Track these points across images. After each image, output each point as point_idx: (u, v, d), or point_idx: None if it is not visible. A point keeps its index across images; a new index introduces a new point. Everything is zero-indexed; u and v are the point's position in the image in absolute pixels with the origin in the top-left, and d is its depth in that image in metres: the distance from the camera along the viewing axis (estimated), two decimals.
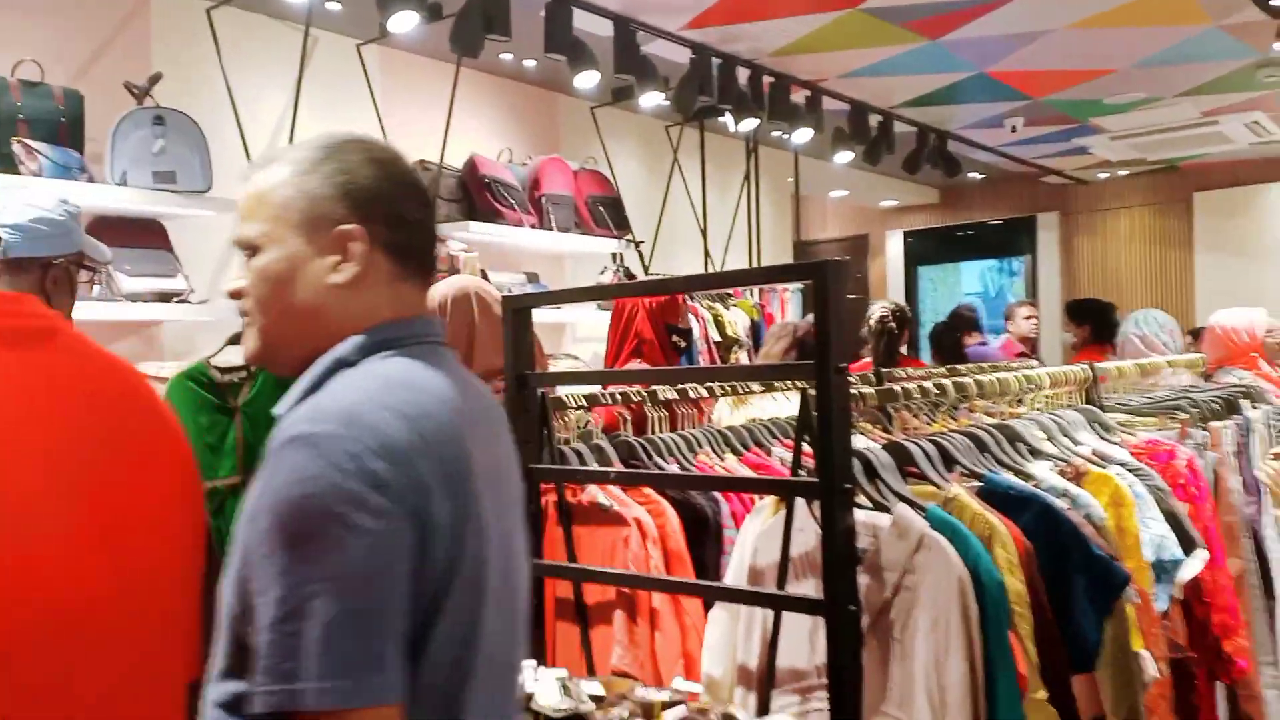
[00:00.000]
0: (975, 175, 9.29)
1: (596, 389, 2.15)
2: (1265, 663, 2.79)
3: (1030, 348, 5.60)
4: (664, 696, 1.52)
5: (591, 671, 1.77)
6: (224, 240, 3.85)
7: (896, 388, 1.93)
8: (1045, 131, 7.23)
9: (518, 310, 1.72)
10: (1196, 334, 6.96)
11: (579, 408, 2.00)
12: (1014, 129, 6.86)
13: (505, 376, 1.75)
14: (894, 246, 10.86)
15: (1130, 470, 2.06)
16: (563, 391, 2.04)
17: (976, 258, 10.59)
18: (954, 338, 5.33)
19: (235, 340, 2.96)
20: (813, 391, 1.46)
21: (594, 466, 1.86)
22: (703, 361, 4.50)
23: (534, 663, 1.65)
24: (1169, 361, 3.37)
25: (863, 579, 1.45)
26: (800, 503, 1.58)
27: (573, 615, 1.81)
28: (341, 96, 4.28)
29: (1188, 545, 2.06)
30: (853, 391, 1.87)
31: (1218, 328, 3.80)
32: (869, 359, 4.26)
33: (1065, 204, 9.89)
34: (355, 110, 4.31)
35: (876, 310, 4.31)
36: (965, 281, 10.74)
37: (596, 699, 1.56)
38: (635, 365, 3.05)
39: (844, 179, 8.50)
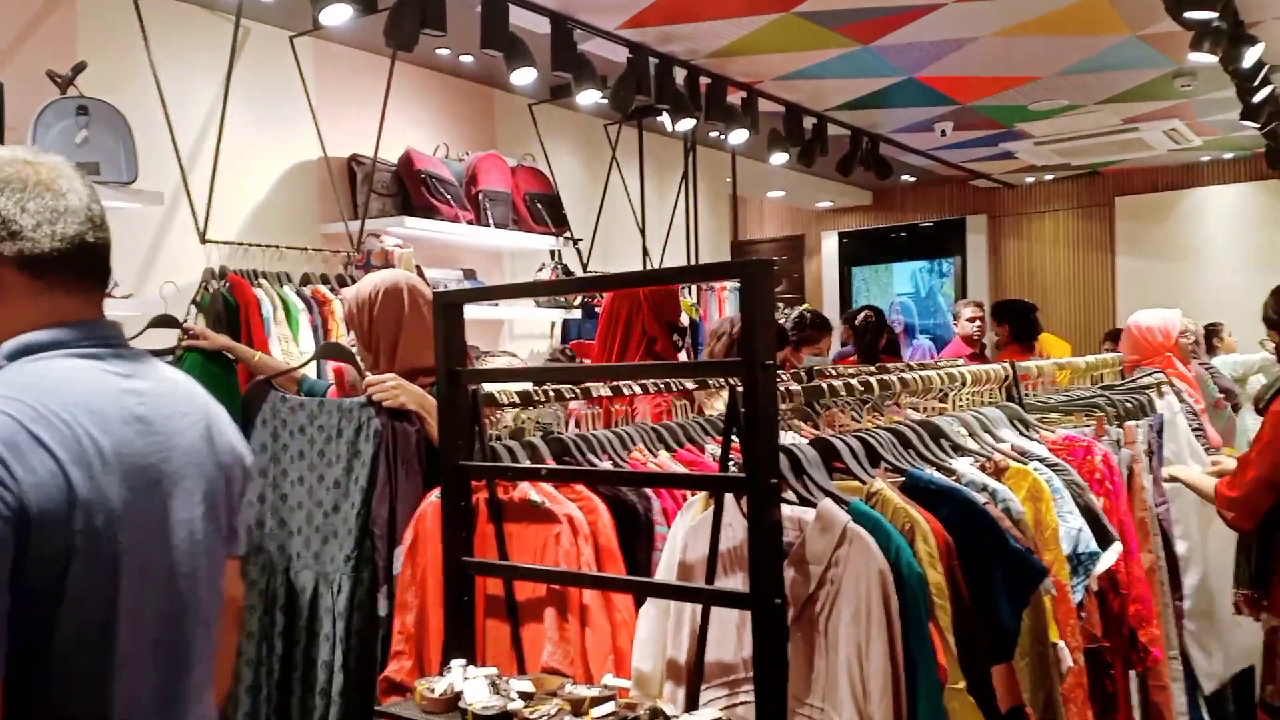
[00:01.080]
0: (907, 178, 9.48)
1: (529, 386, 2.15)
2: (1171, 655, 2.91)
3: (978, 349, 5.73)
4: (594, 693, 1.52)
5: (522, 669, 1.77)
6: (150, 232, 3.76)
7: (823, 384, 1.96)
8: (973, 136, 7.41)
9: (448, 305, 1.72)
10: (1114, 336, 7.20)
11: (511, 405, 2.00)
12: (944, 133, 7.01)
13: (436, 372, 1.74)
14: (829, 247, 11.02)
15: (1048, 465, 2.13)
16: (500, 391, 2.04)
17: (908, 259, 10.80)
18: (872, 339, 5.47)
19: (160, 322, 2.90)
20: (741, 388, 1.48)
21: (525, 464, 1.86)
22: None
23: (463, 661, 1.65)
24: (1087, 363, 3.48)
25: (788, 572, 1.48)
26: (729, 498, 1.60)
27: (503, 613, 1.81)
28: (273, 89, 4.21)
29: (1103, 539, 2.13)
30: (781, 388, 1.91)
31: (1134, 328, 3.94)
32: (852, 356, 4.53)
33: (993, 207, 10.14)
34: (287, 104, 4.24)
35: (860, 313, 4.69)
36: (897, 282, 10.94)
37: (526, 696, 1.57)
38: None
39: (780, 180, 8.61)
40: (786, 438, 1.91)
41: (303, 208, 4.34)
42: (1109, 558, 2.14)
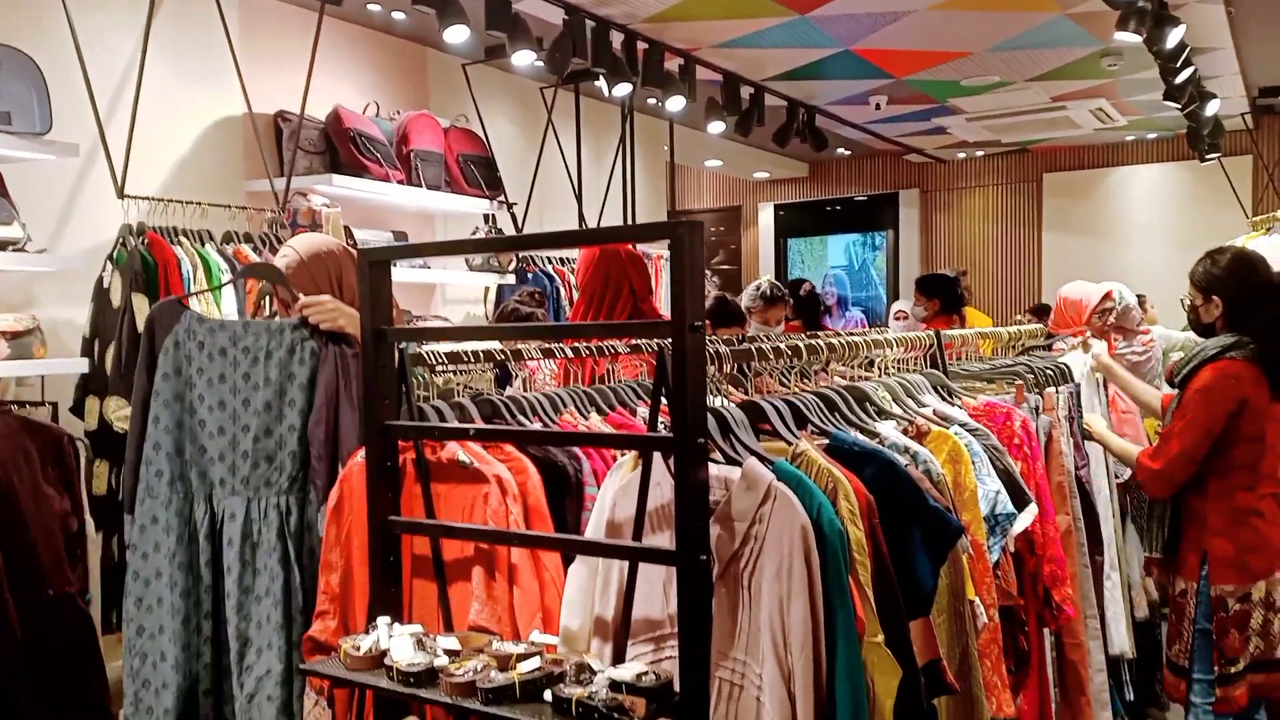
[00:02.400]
0: (842, 151, 9.57)
1: (458, 346, 2.13)
2: (1089, 615, 3.02)
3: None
4: (520, 649, 1.53)
5: (449, 628, 1.77)
6: (65, 186, 3.62)
7: (751, 347, 1.98)
8: (907, 111, 7.50)
9: (374, 263, 1.69)
10: (1036, 310, 7.40)
11: (440, 365, 1.98)
12: (878, 106, 7.08)
13: (361, 331, 1.71)
14: (765, 218, 11.09)
15: (968, 430, 2.19)
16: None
17: (842, 232, 10.92)
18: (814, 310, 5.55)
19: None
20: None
21: (453, 424, 1.85)
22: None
23: (388, 620, 1.65)
24: (1010, 333, 3.57)
25: (714, 530, 1.50)
26: (658, 458, 1.62)
27: (430, 573, 1.80)
28: (196, 41, 4.07)
29: (1020, 501, 2.20)
30: (710, 350, 1.92)
31: (1061, 300, 4.04)
32: (796, 322, 4.68)
33: (925, 181, 10.29)
34: (210, 57, 4.10)
35: (802, 284, 4.82)
36: (831, 254, 11.06)
37: (452, 653, 1.57)
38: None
39: (718, 149, 8.62)
40: (717, 403, 1.92)
41: (226, 164, 4.22)
42: (1025, 519, 2.21)
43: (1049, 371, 3.07)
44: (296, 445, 2.06)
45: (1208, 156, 7.01)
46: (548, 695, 1.43)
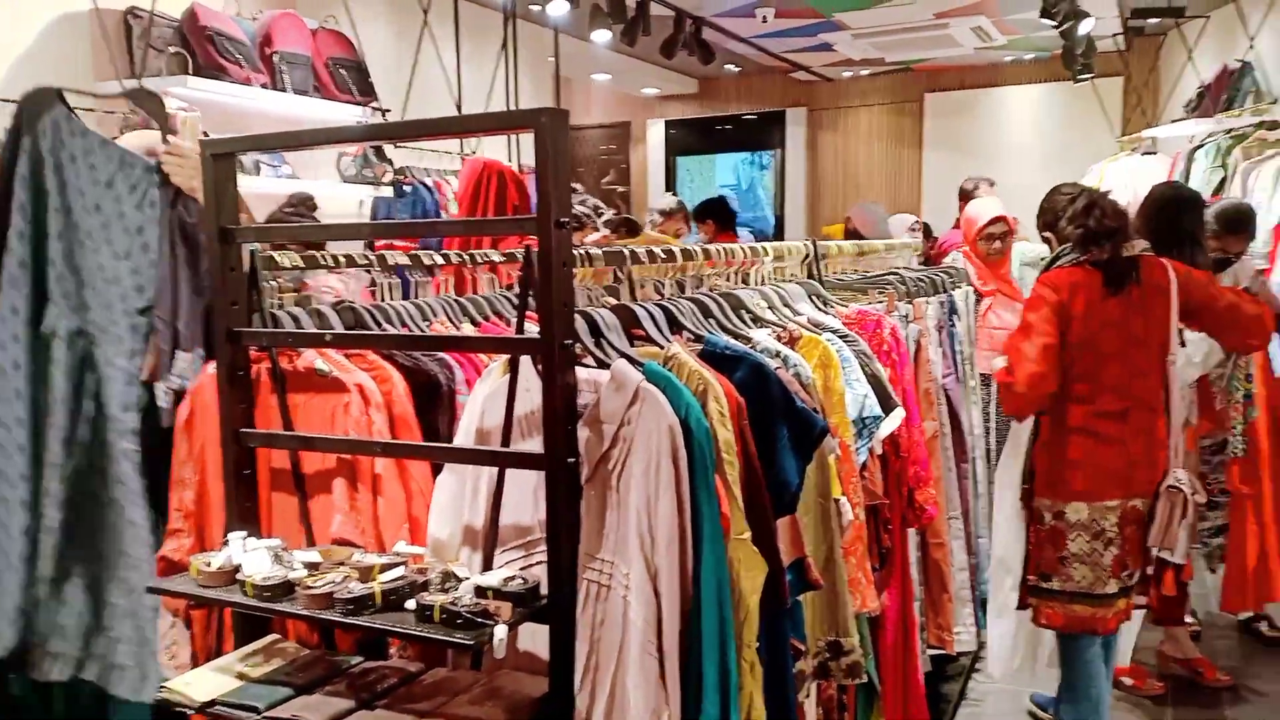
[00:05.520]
0: (731, 67, 9.49)
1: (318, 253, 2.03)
2: (952, 516, 3.14)
3: None
4: (383, 560, 1.49)
5: (311, 543, 1.71)
6: None
7: (625, 250, 1.94)
8: (793, 25, 7.46)
9: (219, 155, 1.57)
10: (925, 230, 7.56)
11: (294, 268, 1.87)
12: (765, 19, 7.02)
13: (206, 230, 1.60)
14: (655, 135, 10.98)
15: (840, 336, 2.21)
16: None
17: (731, 150, 10.90)
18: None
19: None
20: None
21: (310, 329, 1.76)
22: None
23: (243, 534, 1.58)
24: (886, 245, 3.63)
25: (583, 433, 1.47)
26: (526, 362, 1.57)
27: (290, 486, 1.73)
28: None
29: (887, 405, 2.24)
30: (580, 251, 1.87)
31: (963, 215, 4.10)
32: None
33: (812, 100, 10.33)
34: None
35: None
36: (720, 174, 11.05)
37: (312, 566, 1.52)
38: None
39: (606, 62, 8.43)
40: None
41: (72, 63, 3.89)
42: (891, 422, 2.25)
43: (921, 282, 3.13)
44: (103, 286, 1.92)
45: (1081, 77, 7.20)
46: (410, 604, 1.39)
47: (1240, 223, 3.65)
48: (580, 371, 1.49)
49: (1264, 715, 3.22)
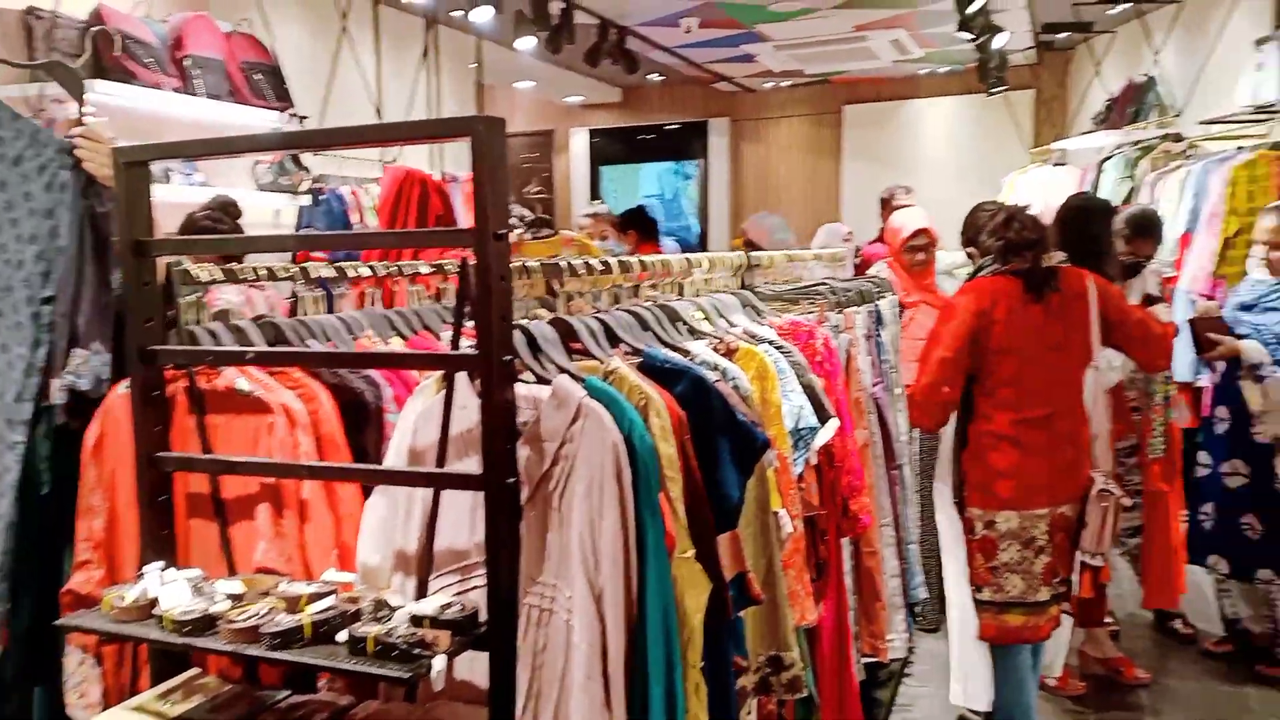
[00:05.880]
0: (654, 77, 9.51)
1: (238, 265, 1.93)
2: (884, 523, 3.16)
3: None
4: (311, 589, 1.42)
5: (233, 572, 1.62)
6: None
7: (562, 262, 1.90)
8: (716, 36, 7.50)
9: (131, 164, 1.48)
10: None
11: (212, 281, 1.78)
12: (688, 29, 7.04)
13: (120, 243, 1.51)
14: (579, 144, 10.94)
15: (775, 347, 2.20)
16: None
17: (654, 160, 10.92)
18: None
19: None
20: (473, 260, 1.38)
21: (230, 347, 1.67)
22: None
23: (160, 565, 1.49)
24: (815, 254, 3.65)
25: (523, 451, 1.43)
26: (462, 379, 1.52)
27: (210, 513, 1.64)
28: None
29: (823, 415, 2.24)
30: (517, 265, 1.82)
31: (887, 225, 4.15)
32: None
33: (734, 110, 10.41)
34: None
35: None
36: (644, 183, 11.06)
37: (235, 597, 1.44)
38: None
39: (529, 70, 8.37)
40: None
41: None
42: (826, 433, 2.25)
43: (850, 292, 3.15)
44: (3, 269, 1.79)
45: (994, 90, 7.40)
46: (342, 636, 1.33)
47: (1149, 227, 3.78)
48: (518, 388, 1.45)
49: (1182, 710, 3.31)
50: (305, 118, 4.84)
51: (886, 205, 5.21)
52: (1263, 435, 3.30)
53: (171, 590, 1.41)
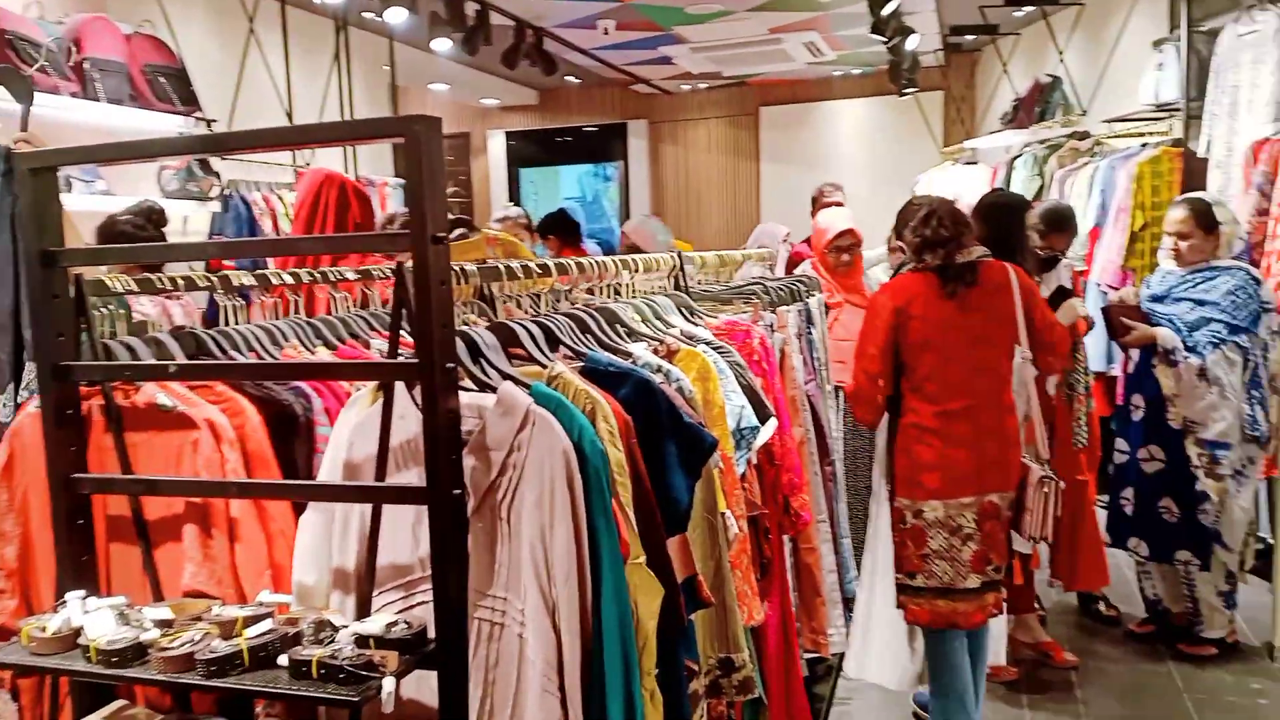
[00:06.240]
0: (571, 79, 9.47)
1: (153, 276, 1.84)
2: (820, 519, 3.18)
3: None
4: (247, 612, 1.35)
5: (159, 597, 1.54)
6: None
7: (500, 265, 1.85)
8: (634, 38, 7.51)
9: (37, 170, 1.39)
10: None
11: (128, 293, 1.69)
12: (606, 31, 7.03)
13: (27, 253, 1.41)
14: (496, 147, 10.83)
15: (714, 348, 2.19)
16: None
17: (574, 162, 10.88)
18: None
19: None
20: (409, 264, 1.33)
21: (149, 361, 1.58)
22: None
23: (81, 593, 1.40)
24: (744, 255, 3.66)
25: (468, 461, 1.38)
26: (400, 388, 1.46)
27: (132, 535, 1.55)
28: None
29: (763, 414, 2.23)
30: (455, 267, 1.77)
31: (814, 225, 4.17)
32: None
33: (653, 112, 10.44)
34: None
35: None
36: (565, 185, 11.01)
37: (165, 624, 1.36)
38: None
39: (445, 72, 8.25)
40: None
41: None
42: (767, 432, 2.25)
43: (782, 291, 3.17)
44: None
45: (905, 91, 7.55)
46: (283, 660, 1.26)
47: (1063, 222, 3.89)
48: (460, 395, 1.40)
49: (1111, 688, 3.41)
50: (214, 122, 4.67)
51: (817, 204, 5.26)
52: (1174, 420, 3.42)
53: (96, 619, 1.32)
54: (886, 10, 5.48)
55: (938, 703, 2.89)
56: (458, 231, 4.67)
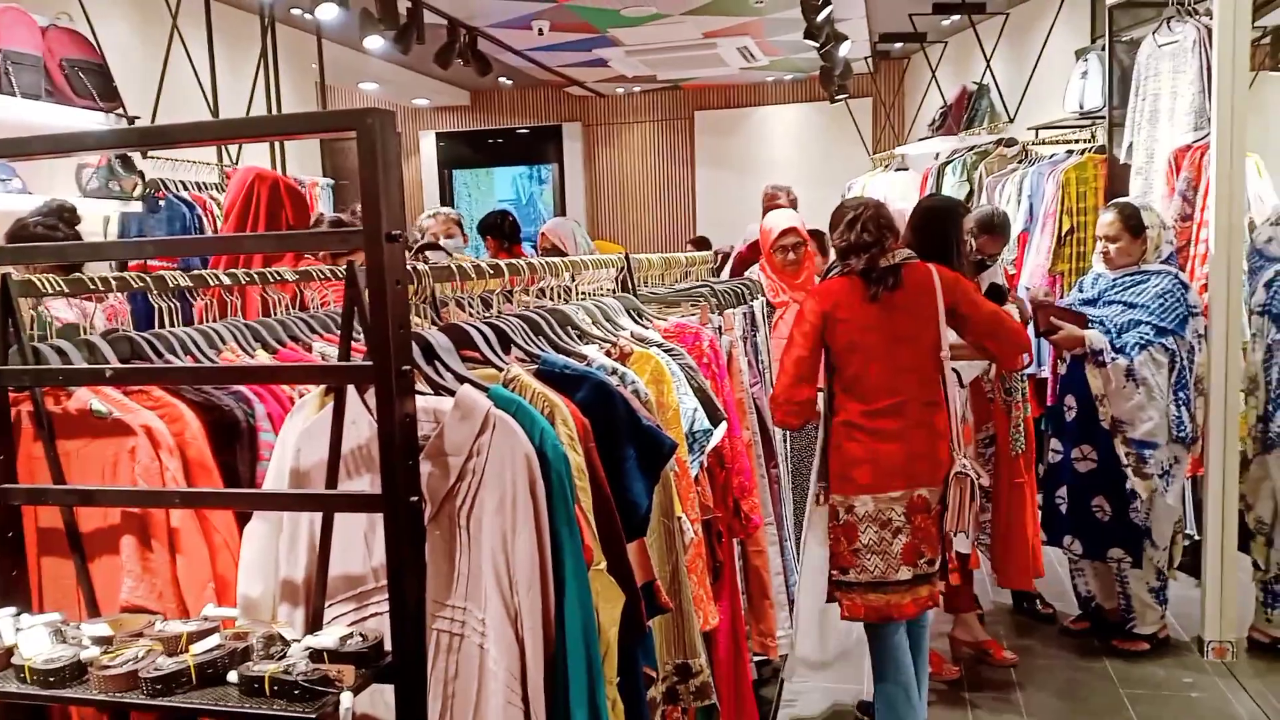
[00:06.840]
0: (504, 80, 9.39)
1: (83, 275, 1.75)
2: (768, 522, 3.18)
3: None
4: (191, 627, 1.29)
5: (96, 612, 1.46)
6: None
7: (452, 265, 1.81)
8: (569, 40, 7.47)
9: None
10: (697, 242, 7.76)
11: (60, 294, 1.60)
12: (541, 32, 6.98)
13: None
14: (427, 148, 10.69)
15: (665, 350, 2.17)
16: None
17: (508, 164, 10.79)
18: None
19: None
20: (360, 263, 1.29)
21: (82, 365, 1.50)
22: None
23: (13, 611, 1.32)
24: (688, 258, 3.65)
25: (425, 467, 1.33)
26: (352, 393, 1.41)
27: (65, 548, 1.47)
28: None
29: (714, 417, 2.22)
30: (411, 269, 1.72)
31: (761, 227, 4.17)
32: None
33: (587, 115, 10.41)
34: None
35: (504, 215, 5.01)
36: (499, 188, 10.90)
37: (103, 641, 1.28)
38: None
39: (375, 71, 8.11)
40: None
41: None
42: (718, 434, 2.24)
43: (729, 294, 3.17)
44: None
45: (837, 97, 7.65)
46: (233, 676, 1.20)
47: (996, 227, 3.96)
48: (417, 399, 1.35)
49: (1049, 684, 3.48)
50: (136, 119, 4.50)
51: (765, 206, 5.27)
52: (1104, 419, 3.50)
53: (30, 637, 1.25)
54: (821, 16, 5.54)
55: (882, 696, 2.91)
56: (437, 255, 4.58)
